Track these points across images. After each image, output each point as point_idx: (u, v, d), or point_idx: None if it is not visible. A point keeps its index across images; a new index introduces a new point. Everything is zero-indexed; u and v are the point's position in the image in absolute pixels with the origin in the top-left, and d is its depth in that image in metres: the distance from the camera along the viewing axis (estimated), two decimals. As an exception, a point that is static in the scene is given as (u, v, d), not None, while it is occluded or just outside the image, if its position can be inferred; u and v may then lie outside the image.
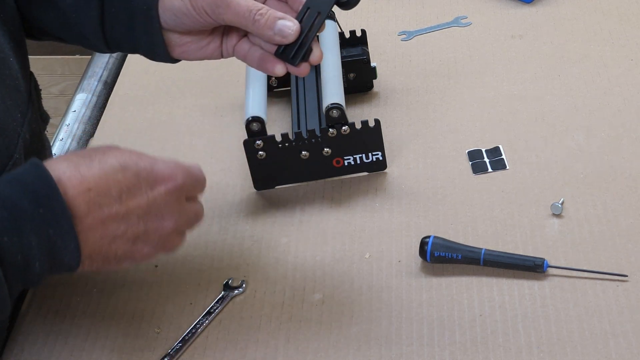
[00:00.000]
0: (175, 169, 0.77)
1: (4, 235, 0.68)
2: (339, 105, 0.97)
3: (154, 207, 0.75)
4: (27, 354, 0.88)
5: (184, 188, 0.77)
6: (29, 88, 0.94)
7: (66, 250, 0.71)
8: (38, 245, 0.69)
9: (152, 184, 0.75)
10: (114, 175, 0.72)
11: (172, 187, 0.76)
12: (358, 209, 0.99)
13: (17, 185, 0.70)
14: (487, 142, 1.05)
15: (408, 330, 0.86)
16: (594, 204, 0.96)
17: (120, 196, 0.73)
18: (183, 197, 0.78)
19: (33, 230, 0.69)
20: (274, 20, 0.83)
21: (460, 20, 1.26)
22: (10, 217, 0.68)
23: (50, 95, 2.31)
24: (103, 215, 0.72)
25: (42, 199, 0.69)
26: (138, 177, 0.74)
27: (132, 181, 0.73)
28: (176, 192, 0.76)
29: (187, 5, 0.85)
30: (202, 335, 0.88)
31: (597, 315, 0.85)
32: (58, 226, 0.70)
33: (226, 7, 0.83)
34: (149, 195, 0.74)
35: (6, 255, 0.68)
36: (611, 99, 1.09)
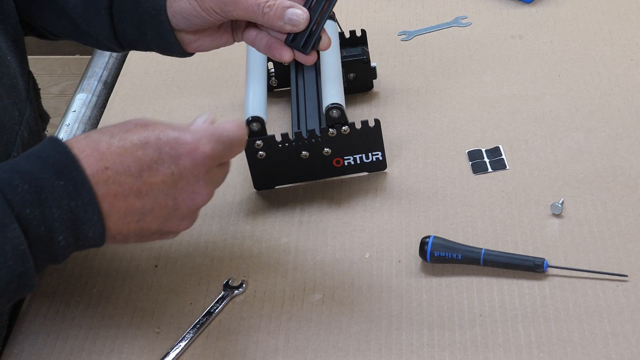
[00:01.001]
0: (202, 138, 0.73)
1: (26, 208, 0.68)
2: (339, 105, 0.97)
3: (181, 180, 0.72)
4: (27, 354, 0.88)
5: (213, 157, 0.74)
6: (28, 87, 0.94)
7: (89, 222, 0.70)
8: (60, 218, 0.69)
9: (176, 158, 0.72)
10: (133, 152, 0.71)
11: (200, 159, 0.73)
12: (358, 209, 0.99)
13: (37, 160, 0.70)
14: (487, 142, 1.05)
15: (408, 330, 0.86)
16: (594, 204, 0.96)
17: (141, 173, 0.71)
18: (214, 166, 0.75)
19: (54, 202, 0.68)
20: (282, 10, 0.83)
21: (460, 20, 1.26)
22: (31, 189, 0.68)
23: (50, 95, 2.31)
24: (123, 192, 0.71)
25: (62, 171, 0.69)
26: (160, 152, 0.71)
27: (153, 157, 0.71)
28: (205, 164, 0.73)
29: (195, 7, 0.86)
30: (202, 335, 0.88)
31: (597, 315, 0.85)
32: (79, 198, 0.69)
33: (234, 4, 0.84)
34: (172, 170, 0.72)
35: (30, 227, 0.68)
36: (611, 99, 1.09)
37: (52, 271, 0.96)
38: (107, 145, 0.71)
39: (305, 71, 1.11)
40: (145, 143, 0.71)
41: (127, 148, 0.71)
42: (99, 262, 0.97)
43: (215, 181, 0.76)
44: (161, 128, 0.73)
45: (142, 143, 0.71)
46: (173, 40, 0.89)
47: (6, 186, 0.68)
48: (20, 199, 0.68)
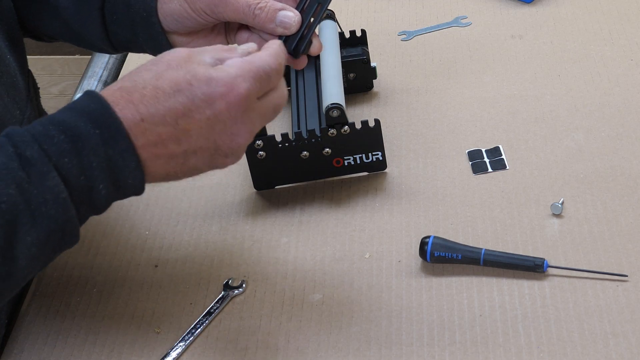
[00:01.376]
0: (236, 77, 0.71)
1: (64, 157, 0.68)
2: (339, 105, 0.97)
3: (218, 123, 0.72)
4: (27, 354, 0.88)
5: (249, 96, 0.72)
6: (27, 86, 0.94)
7: (127, 169, 0.70)
8: (99, 166, 0.69)
9: (210, 102, 0.71)
10: (166, 102, 0.70)
11: (234, 100, 0.71)
12: (358, 209, 0.99)
13: (72, 111, 0.70)
14: (487, 142, 1.05)
15: (408, 330, 0.86)
16: (594, 204, 0.96)
17: (177, 121, 0.70)
18: (253, 102, 0.73)
19: (92, 151, 0.68)
20: (274, 13, 0.82)
21: (460, 20, 1.26)
22: (67, 139, 0.68)
23: (50, 95, 2.31)
24: (162, 141, 0.70)
25: (97, 119, 0.69)
26: (192, 99, 0.71)
27: (186, 105, 0.70)
28: (240, 104, 0.72)
29: (186, 9, 0.85)
30: (202, 335, 0.88)
31: (597, 315, 0.85)
32: (116, 145, 0.69)
33: (225, 5, 0.83)
34: (207, 114, 0.71)
35: (69, 176, 0.68)
36: (611, 99, 1.09)
37: (52, 271, 0.96)
38: (140, 96, 0.70)
39: (305, 71, 1.11)
40: (177, 90, 0.70)
41: (159, 97, 0.70)
42: (99, 262, 0.97)
43: (259, 117, 0.74)
44: (194, 68, 0.72)
45: (173, 90, 0.70)
46: (165, 42, 0.89)
47: (43, 137, 0.68)
48: (57, 149, 0.68)
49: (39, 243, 0.68)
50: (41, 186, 0.67)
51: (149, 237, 0.99)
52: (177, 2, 0.86)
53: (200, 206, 1.02)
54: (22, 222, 0.67)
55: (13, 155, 0.67)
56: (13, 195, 0.66)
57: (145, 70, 0.72)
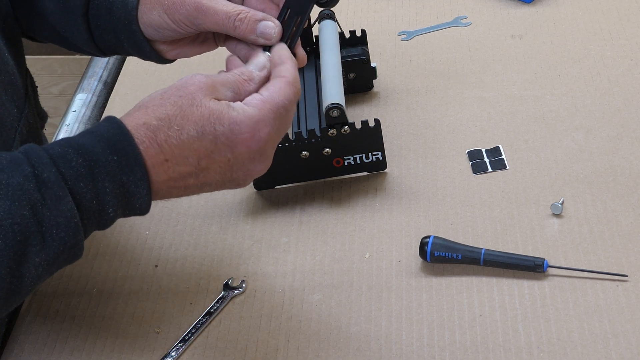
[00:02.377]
0: (258, 123, 0.73)
1: (80, 181, 0.69)
2: (339, 105, 0.97)
3: (236, 165, 0.74)
4: (27, 354, 0.88)
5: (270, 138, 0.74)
6: (25, 84, 0.94)
7: (138, 195, 0.72)
8: (112, 192, 0.70)
9: (232, 146, 0.73)
10: (190, 145, 0.72)
11: (255, 145, 0.74)
12: (358, 209, 0.99)
13: (92, 136, 0.71)
14: (487, 142, 1.05)
15: (408, 330, 0.86)
16: (594, 204, 0.96)
17: (199, 162, 0.73)
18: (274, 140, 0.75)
19: (108, 177, 0.70)
20: (254, 24, 0.81)
21: (460, 20, 1.26)
22: (86, 163, 0.69)
23: (50, 95, 2.31)
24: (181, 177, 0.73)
25: (116, 146, 0.70)
26: (216, 143, 0.73)
27: (209, 148, 0.73)
28: (261, 147, 0.74)
29: (165, 20, 0.84)
30: (202, 335, 0.88)
31: (597, 315, 0.85)
32: (132, 173, 0.70)
33: (204, 16, 0.82)
34: (228, 157, 0.73)
35: (83, 200, 0.69)
36: (611, 99, 1.09)
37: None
38: (165, 137, 0.72)
39: (306, 71, 1.11)
40: (202, 135, 0.72)
41: (184, 141, 0.72)
42: (99, 262, 0.97)
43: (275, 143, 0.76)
44: (217, 110, 0.73)
45: (199, 135, 0.72)
46: (149, 49, 0.88)
47: (60, 160, 0.69)
48: (74, 173, 0.69)
49: (47, 264, 0.69)
50: (55, 210, 0.68)
51: (149, 237, 0.99)
52: (157, 13, 0.85)
53: (200, 206, 1.02)
54: (32, 243, 0.68)
55: (30, 176, 0.68)
56: (26, 216, 0.67)
57: (169, 104, 0.73)
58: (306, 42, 1.12)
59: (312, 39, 1.12)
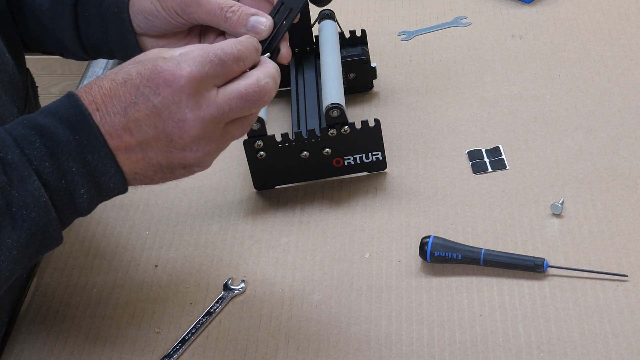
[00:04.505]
0: (181, 62, 0.70)
1: (45, 161, 0.69)
2: (339, 105, 0.97)
3: (164, 110, 0.70)
4: (27, 354, 0.88)
5: (193, 78, 0.70)
6: (26, 84, 0.94)
7: (108, 174, 0.71)
8: (78, 172, 0.70)
9: (155, 89, 0.70)
10: (117, 91, 0.70)
11: (177, 85, 0.70)
12: (358, 209, 0.99)
13: (53, 116, 0.71)
14: (487, 142, 1.05)
15: (408, 330, 0.86)
16: (594, 204, 0.96)
17: (126, 110, 0.70)
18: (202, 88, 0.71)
19: (71, 157, 0.69)
20: (246, 17, 0.81)
21: (460, 20, 1.26)
22: (49, 144, 0.69)
23: (50, 95, 2.31)
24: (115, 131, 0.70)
25: (77, 126, 0.70)
26: (137, 87, 0.70)
27: (132, 93, 0.70)
28: (184, 88, 0.70)
29: (157, 7, 0.84)
30: (202, 335, 0.88)
31: (597, 315, 0.85)
32: (95, 151, 0.70)
33: (197, 5, 0.82)
34: (154, 102, 0.70)
35: (50, 180, 0.69)
36: (611, 99, 1.09)
37: (52, 271, 0.96)
38: (98, 88, 0.71)
39: (305, 71, 1.11)
40: (126, 80, 0.71)
41: (112, 88, 0.71)
42: (99, 262, 0.97)
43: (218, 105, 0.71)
44: (148, 60, 0.71)
45: (124, 80, 0.71)
46: (134, 44, 0.87)
47: (24, 142, 0.69)
48: (38, 153, 0.69)
49: (20, 245, 0.69)
50: (22, 190, 0.68)
51: (149, 237, 0.99)
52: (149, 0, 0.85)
53: (200, 206, 1.02)
54: (2, 224, 0.68)
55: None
56: None
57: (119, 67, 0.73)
58: (306, 42, 1.12)
59: (312, 39, 1.12)
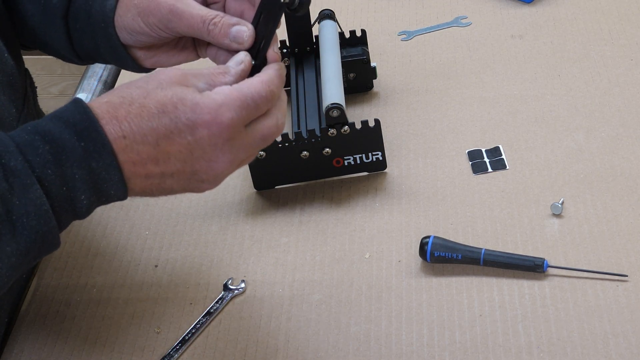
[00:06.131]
0: (222, 106, 0.71)
1: (47, 169, 0.68)
2: (339, 105, 0.97)
3: (197, 149, 0.71)
4: (27, 354, 0.88)
5: (233, 125, 0.72)
6: (24, 84, 0.94)
7: (111, 182, 0.70)
8: (82, 179, 0.69)
9: (192, 127, 0.70)
10: (149, 123, 0.70)
11: (217, 129, 0.71)
12: (358, 209, 0.99)
13: (59, 121, 0.70)
14: (487, 142, 1.05)
15: (408, 330, 0.86)
16: (594, 204, 0.96)
17: (158, 142, 0.70)
18: (236, 132, 0.72)
19: (75, 163, 0.69)
20: (228, 28, 0.80)
21: (460, 20, 1.26)
22: (52, 150, 0.69)
23: (50, 95, 2.31)
24: (141, 160, 0.70)
25: (83, 132, 0.69)
26: (176, 123, 0.70)
27: (169, 128, 0.70)
28: (223, 133, 0.71)
29: (139, 23, 0.83)
30: (202, 335, 0.88)
31: (597, 315, 0.85)
32: (100, 159, 0.69)
33: (178, 20, 0.81)
34: (188, 140, 0.71)
35: (51, 187, 0.68)
36: (611, 99, 1.09)
37: (52, 271, 0.96)
38: (126, 113, 0.70)
39: (305, 71, 1.11)
40: (162, 111, 0.70)
41: (143, 116, 0.70)
42: (99, 262, 0.97)
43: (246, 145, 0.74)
44: (182, 91, 0.71)
45: (158, 111, 0.70)
46: (125, 55, 0.87)
47: (27, 148, 0.69)
48: (41, 160, 0.68)
49: (19, 253, 0.68)
50: (23, 198, 0.67)
51: (149, 237, 0.99)
52: (131, 16, 0.84)
53: (200, 206, 1.02)
54: (2, 232, 0.67)
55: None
56: None
57: (135, 87, 0.72)
58: (306, 42, 1.12)
59: (312, 39, 1.12)
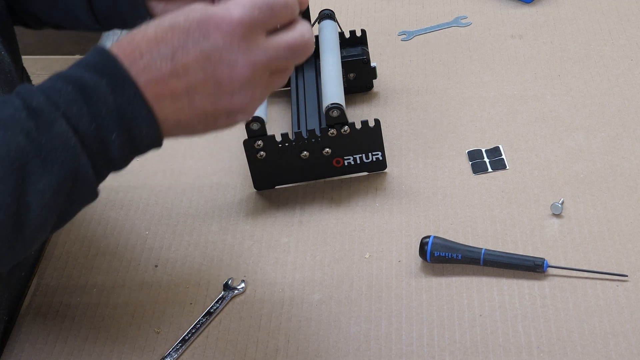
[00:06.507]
0: (230, 6, 0.69)
1: (72, 106, 0.68)
2: (339, 105, 0.97)
3: (214, 55, 0.69)
4: (27, 354, 0.88)
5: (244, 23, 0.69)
6: (22, 82, 0.94)
7: (140, 117, 0.69)
8: (108, 114, 0.69)
9: (205, 33, 0.69)
10: (163, 36, 0.69)
11: (228, 27, 0.69)
12: (358, 209, 0.99)
13: (78, 66, 0.70)
14: (487, 142, 1.05)
15: (408, 330, 0.86)
16: (594, 204, 0.96)
17: (174, 55, 0.69)
18: (253, 32, 0.70)
19: (100, 99, 0.68)
20: None
21: (460, 20, 1.26)
22: (75, 89, 0.68)
23: (50, 96, 2.31)
24: (161, 77, 0.69)
25: (103, 70, 0.69)
26: (187, 31, 0.69)
27: (182, 38, 0.69)
28: (235, 31, 0.69)
29: None
30: (202, 335, 0.88)
31: (597, 315, 0.85)
32: (124, 93, 0.69)
33: None
34: (203, 46, 0.69)
35: (79, 124, 0.68)
36: (611, 99, 1.09)
37: (52, 271, 0.96)
38: (142, 35, 0.70)
39: (305, 71, 1.11)
40: (173, 26, 0.70)
41: (158, 33, 0.70)
42: (99, 262, 0.97)
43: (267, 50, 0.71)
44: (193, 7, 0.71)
45: (171, 26, 0.70)
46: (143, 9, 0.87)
47: (49, 90, 0.69)
48: (65, 99, 0.68)
49: (52, 190, 0.68)
50: (49, 134, 0.67)
51: (149, 237, 0.99)
52: None
53: (200, 206, 1.02)
54: (32, 169, 0.67)
55: (20, 107, 0.68)
56: (22, 143, 0.66)
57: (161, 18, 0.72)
58: (306, 42, 1.12)
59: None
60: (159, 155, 1.09)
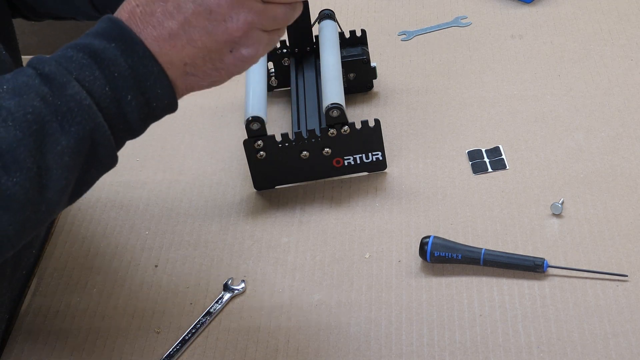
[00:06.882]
0: None
1: (85, 70, 0.69)
2: (339, 105, 0.97)
3: None
4: (27, 354, 0.88)
5: None
6: None
7: (152, 76, 0.70)
8: (122, 75, 0.70)
9: None
10: None
11: None
12: (358, 209, 0.99)
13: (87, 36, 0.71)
14: (487, 142, 1.05)
15: (408, 330, 0.86)
16: (594, 204, 0.96)
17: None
18: None
19: (111, 62, 0.70)
20: None
21: (460, 20, 1.26)
22: (86, 55, 0.70)
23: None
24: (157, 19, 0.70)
25: (111, 35, 0.70)
26: None
27: None
28: None
29: None
30: (202, 335, 0.88)
31: (597, 315, 0.85)
32: (134, 54, 0.70)
33: None
34: None
35: (93, 87, 0.69)
36: (611, 99, 1.09)
37: (52, 271, 0.96)
38: None
39: (305, 71, 1.11)
40: None
41: None
42: (99, 262, 0.97)
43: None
44: None
45: None
46: None
47: (61, 57, 0.70)
48: (77, 65, 0.70)
49: (70, 151, 0.69)
50: (63, 96, 0.68)
51: (149, 237, 0.99)
52: None
53: (200, 206, 1.02)
54: (49, 131, 0.68)
55: (33, 75, 0.69)
56: (38, 106, 0.68)
57: None
58: (306, 42, 1.12)
59: (312, 39, 1.12)
60: (159, 155, 1.10)
